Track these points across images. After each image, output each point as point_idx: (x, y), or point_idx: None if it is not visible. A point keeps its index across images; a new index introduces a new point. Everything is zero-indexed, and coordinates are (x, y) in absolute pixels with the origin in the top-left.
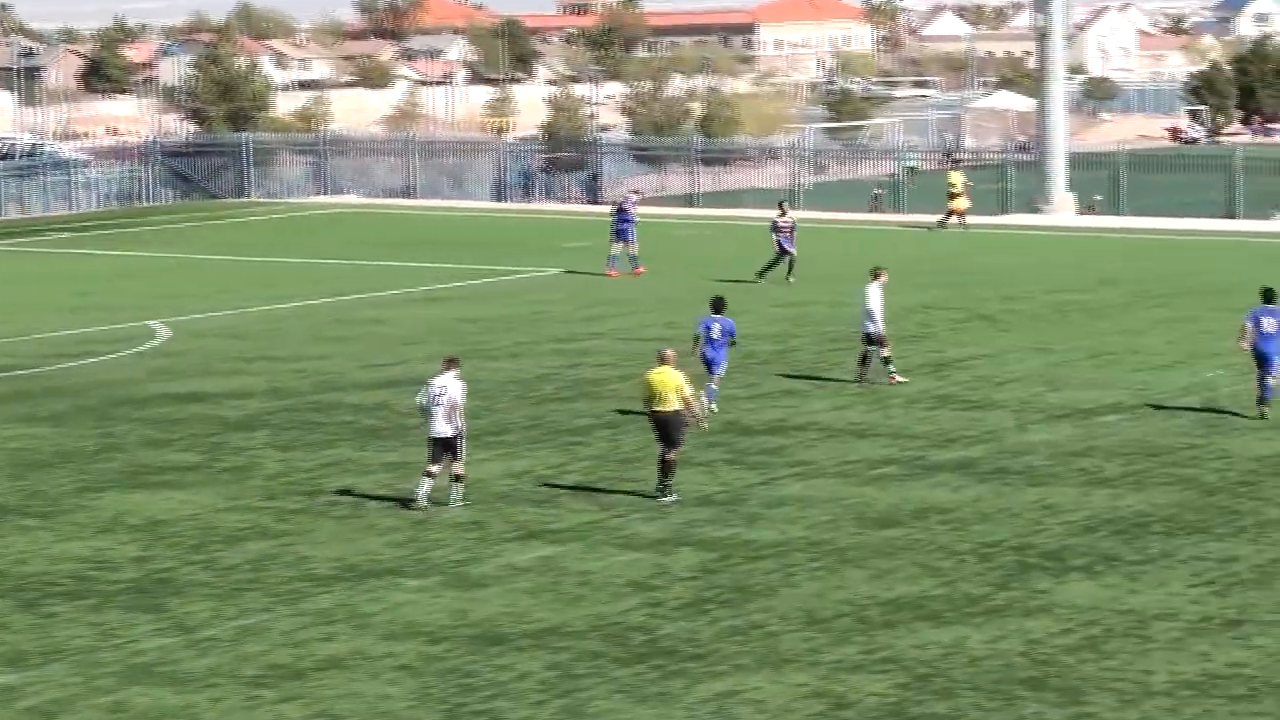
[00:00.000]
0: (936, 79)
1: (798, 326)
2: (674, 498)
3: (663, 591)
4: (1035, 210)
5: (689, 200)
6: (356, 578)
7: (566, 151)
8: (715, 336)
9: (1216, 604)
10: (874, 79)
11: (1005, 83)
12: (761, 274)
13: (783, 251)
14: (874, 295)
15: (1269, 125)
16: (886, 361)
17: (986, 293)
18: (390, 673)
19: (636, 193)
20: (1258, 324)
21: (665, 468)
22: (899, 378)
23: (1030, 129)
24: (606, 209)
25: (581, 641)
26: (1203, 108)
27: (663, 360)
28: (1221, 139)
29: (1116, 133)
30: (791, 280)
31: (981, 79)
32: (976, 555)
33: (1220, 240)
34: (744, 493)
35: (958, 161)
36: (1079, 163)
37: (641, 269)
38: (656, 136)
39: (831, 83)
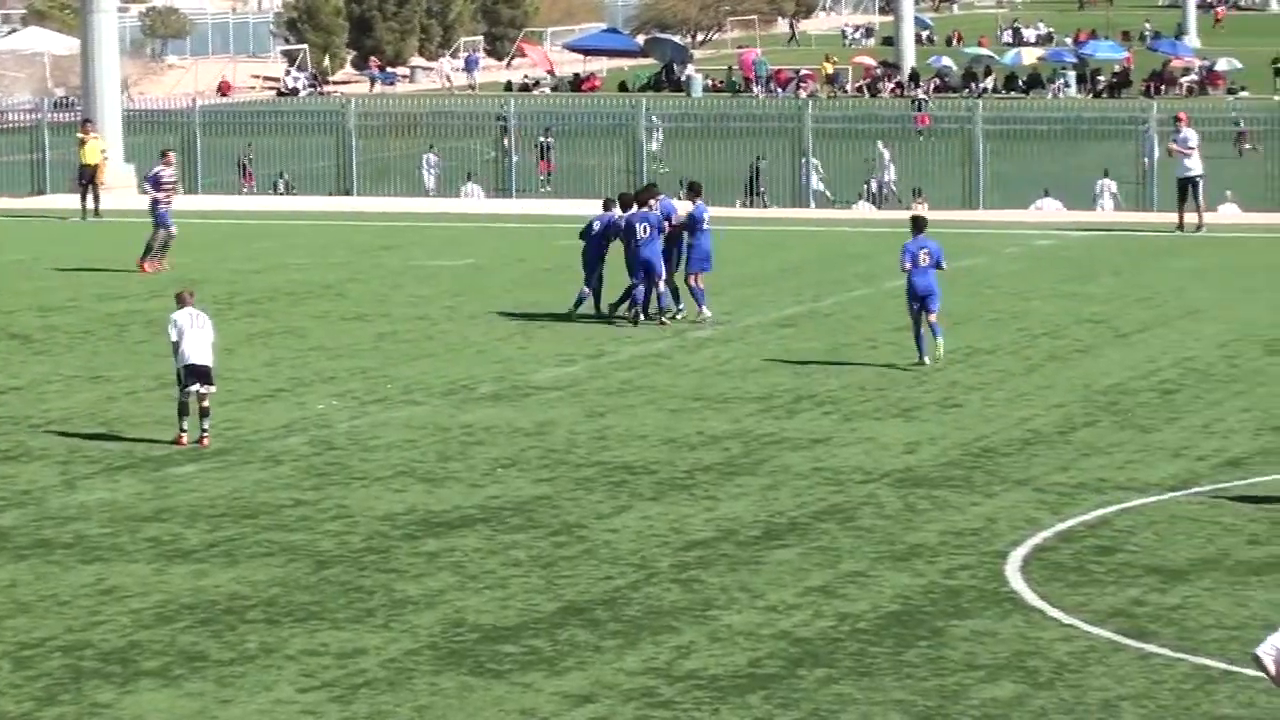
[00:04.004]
0: None
1: None
2: None
3: None
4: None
5: None
6: None
7: None
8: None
9: (338, 712)
10: None
11: (36, 16)
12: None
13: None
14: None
15: (390, 69)
16: (204, 415)
17: (18, 303)
18: None
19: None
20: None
21: None
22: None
23: (72, 78)
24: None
25: None
26: (303, 48)
27: None
28: (331, 89)
29: (190, 82)
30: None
31: (4, 11)
32: (12, 660)
33: (336, 224)
34: None
35: (89, 121)
36: (142, 124)
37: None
38: None
39: None
